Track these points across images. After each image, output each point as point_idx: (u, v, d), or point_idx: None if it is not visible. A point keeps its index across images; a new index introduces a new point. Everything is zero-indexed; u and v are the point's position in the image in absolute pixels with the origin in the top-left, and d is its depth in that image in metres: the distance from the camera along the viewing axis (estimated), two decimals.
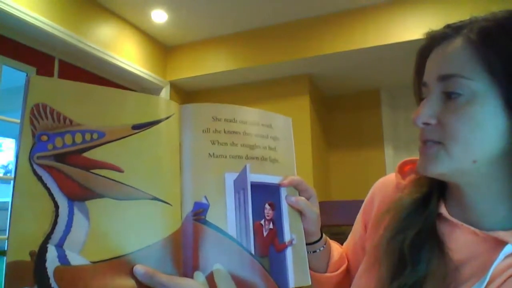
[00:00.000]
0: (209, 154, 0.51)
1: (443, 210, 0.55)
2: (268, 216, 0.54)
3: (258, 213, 0.52)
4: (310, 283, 0.55)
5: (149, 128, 0.48)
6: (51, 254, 0.40)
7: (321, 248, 0.66)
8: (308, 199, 0.59)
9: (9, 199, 0.43)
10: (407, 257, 0.52)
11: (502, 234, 0.48)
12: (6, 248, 0.39)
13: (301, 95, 3.18)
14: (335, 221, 2.65)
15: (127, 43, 2.93)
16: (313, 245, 0.65)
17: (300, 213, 0.58)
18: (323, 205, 0.72)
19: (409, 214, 0.56)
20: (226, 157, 0.52)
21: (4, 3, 2.02)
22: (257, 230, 0.51)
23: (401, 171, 0.65)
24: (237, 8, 2.79)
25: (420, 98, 0.57)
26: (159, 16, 2.87)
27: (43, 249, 0.40)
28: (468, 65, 0.49)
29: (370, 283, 0.57)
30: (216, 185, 0.50)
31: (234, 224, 0.50)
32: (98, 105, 0.46)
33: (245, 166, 0.53)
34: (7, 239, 0.40)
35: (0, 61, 2.20)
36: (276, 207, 0.55)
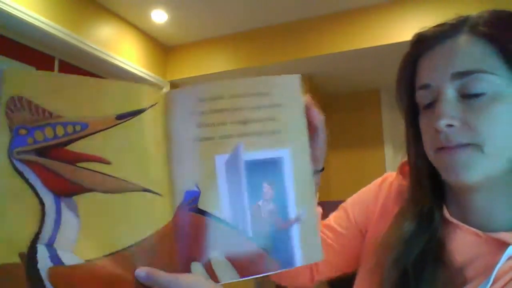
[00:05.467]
0: (196, 138, 0.48)
1: (443, 211, 0.54)
2: (267, 195, 0.50)
3: (255, 194, 0.49)
4: (322, 258, 0.50)
5: (133, 117, 0.46)
6: (42, 254, 0.38)
7: None
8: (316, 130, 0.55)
9: None
10: (411, 276, 0.50)
11: (504, 236, 0.47)
12: None
13: None
14: None
15: (127, 43, 2.92)
16: None
17: (314, 134, 0.55)
18: (323, 205, 0.72)
19: (411, 236, 0.54)
20: (214, 138, 0.49)
21: (4, 3, 2.02)
22: (255, 211, 0.49)
23: (402, 171, 0.64)
24: (237, 8, 2.79)
25: (408, 103, 0.56)
26: (159, 16, 2.87)
27: (33, 250, 0.38)
28: (486, 59, 0.46)
29: None
30: (207, 170, 0.48)
31: (229, 208, 0.48)
32: (78, 96, 0.44)
33: (238, 145, 0.49)
34: None
35: (0, 61, 2.20)
36: (277, 183, 0.51)
